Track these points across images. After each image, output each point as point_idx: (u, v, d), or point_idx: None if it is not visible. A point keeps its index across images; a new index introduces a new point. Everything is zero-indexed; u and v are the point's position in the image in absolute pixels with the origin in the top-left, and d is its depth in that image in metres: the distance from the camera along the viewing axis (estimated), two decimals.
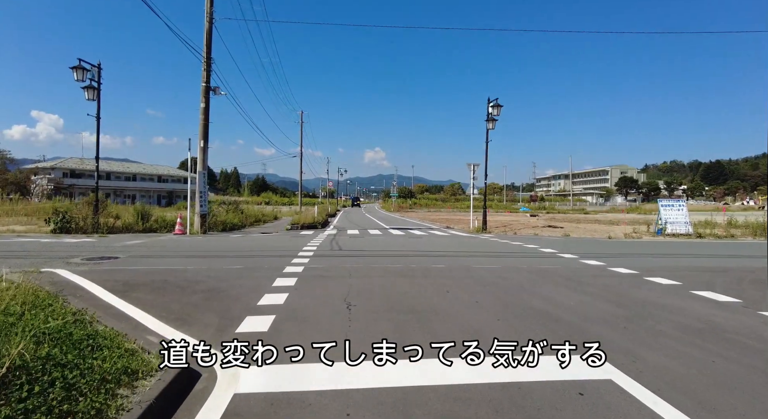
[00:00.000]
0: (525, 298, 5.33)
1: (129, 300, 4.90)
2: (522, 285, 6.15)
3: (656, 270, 7.60)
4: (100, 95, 14.81)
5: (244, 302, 4.92)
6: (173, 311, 4.53)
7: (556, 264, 8.32)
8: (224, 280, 6.19)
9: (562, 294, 5.62)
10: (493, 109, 18.99)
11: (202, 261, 8.19)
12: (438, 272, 7.19)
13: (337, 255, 9.18)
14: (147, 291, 5.47)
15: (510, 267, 7.88)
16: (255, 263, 7.93)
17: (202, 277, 6.42)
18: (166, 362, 2.61)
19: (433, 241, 13.44)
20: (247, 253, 9.51)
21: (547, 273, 7.33)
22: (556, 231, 19.60)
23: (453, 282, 6.29)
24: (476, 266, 7.90)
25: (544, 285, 6.16)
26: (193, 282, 6.05)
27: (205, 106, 15.44)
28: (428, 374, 2.89)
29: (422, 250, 10.61)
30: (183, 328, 3.93)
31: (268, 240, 12.85)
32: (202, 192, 15.25)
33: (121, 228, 15.35)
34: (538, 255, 9.90)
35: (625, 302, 5.22)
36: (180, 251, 9.78)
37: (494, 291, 5.80)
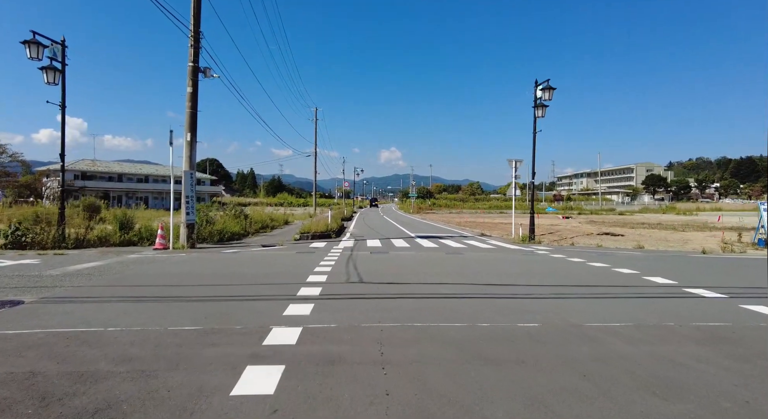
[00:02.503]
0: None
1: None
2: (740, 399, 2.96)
3: None
4: (64, 78, 12.06)
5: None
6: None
7: (722, 319, 5.08)
8: (142, 378, 3.16)
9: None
10: (543, 92, 15.67)
11: (149, 309, 5.22)
12: (545, 348, 4.03)
13: (355, 295, 6.10)
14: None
15: (654, 333, 4.66)
16: (227, 315, 4.92)
17: (108, 364, 3.42)
18: None
19: (482, 260, 10.26)
20: (225, 291, 6.52)
21: (745, 353, 4.11)
22: (618, 241, 16.17)
23: (594, 388, 3.14)
24: (593, 324, 4.70)
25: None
26: (77, 378, 3.06)
27: (192, 91, 12.57)
28: None
29: (477, 280, 7.45)
30: None
31: (266, 261, 9.87)
32: (188, 197, 12.38)
33: (94, 241, 12.61)
34: (659, 292, 6.66)
35: None
36: (136, 283, 6.86)
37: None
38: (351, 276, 7.51)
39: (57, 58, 11.83)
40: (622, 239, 16.89)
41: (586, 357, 3.72)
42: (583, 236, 18.29)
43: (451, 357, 3.69)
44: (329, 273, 7.66)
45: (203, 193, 74.76)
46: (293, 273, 7.85)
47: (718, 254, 12.11)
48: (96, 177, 62.64)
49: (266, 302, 5.57)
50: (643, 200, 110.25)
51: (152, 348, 3.82)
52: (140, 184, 65.63)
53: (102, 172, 63.54)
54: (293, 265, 8.90)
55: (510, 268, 8.89)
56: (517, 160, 17.81)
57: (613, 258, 10.49)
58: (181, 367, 3.40)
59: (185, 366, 3.41)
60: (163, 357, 3.62)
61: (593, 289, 6.70)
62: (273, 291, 6.28)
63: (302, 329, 4.37)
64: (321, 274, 7.56)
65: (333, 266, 8.62)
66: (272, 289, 6.40)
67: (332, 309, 5.22)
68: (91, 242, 12.50)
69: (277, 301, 5.58)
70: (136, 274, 7.59)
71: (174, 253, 10.98)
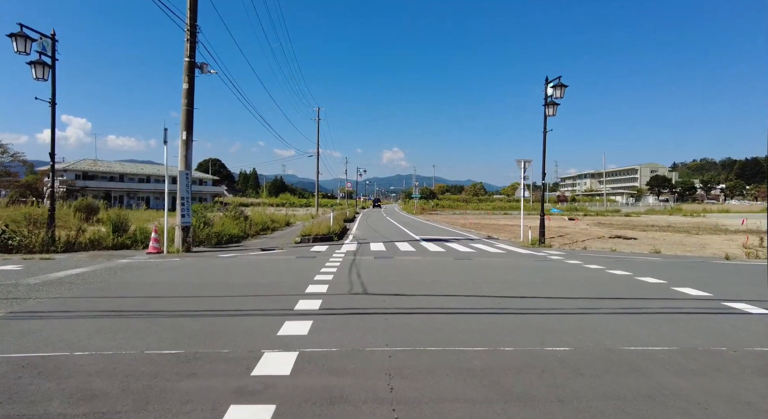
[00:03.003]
0: None
1: None
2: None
3: None
4: (54, 74, 11.53)
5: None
6: None
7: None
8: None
9: None
10: (555, 89, 15.04)
11: (127, 326, 4.65)
12: (583, 381, 3.43)
13: (359, 310, 5.51)
14: None
15: (706, 362, 4.03)
16: (214, 335, 4.34)
17: (62, 404, 2.83)
18: None
19: (493, 267, 9.66)
20: (216, 303, 5.95)
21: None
22: (632, 245, 15.54)
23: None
24: (631, 348, 4.08)
25: None
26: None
27: (188, 87, 12.02)
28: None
29: (491, 291, 6.85)
30: None
31: (264, 267, 9.30)
32: (184, 198, 11.83)
33: (86, 244, 12.07)
34: (696, 306, 6.04)
35: None
36: (120, 294, 6.30)
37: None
38: (354, 286, 6.91)
39: (47, 52, 11.30)
40: (636, 243, 16.25)
41: (633, 394, 3.12)
42: (594, 239, 17.65)
43: (474, 393, 3.10)
44: (330, 283, 7.07)
45: (205, 193, 74.35)
46: (291, 282, 7.27)
47: (743, 260, 11.46)
48: (97, 177, 62.34)
49: (259, 318, 4.99)
50: (647, 201, 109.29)
51: (121, 379, 3.24)
52: (142, 184, 65.28)
53: (103, 172, 63.24)
54: (292, 273, 8.32)
55: (524, 277, 8.28)
56: (526, 160, 17.19)
57: (632, 265, 9.87)
58: (150, 407, 2.82)
59: (156, 406, 2.84)
60: (132, 392, 3.04)
61: (621, 303, 6.09)
62: (268, 304, 5.70)
63: (298, 354, 3.79)
64: (321, 284, 6.97)
65: (334, 274, 8.04)
66: (267, 302, 5.82)
67: (333, 327, 4.63)
68: (83, 245, 11.95)
69: (271, 317, 5.00)
70: (122, 283, 7.02)
71: (167, 258, 10.42)
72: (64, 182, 57.04)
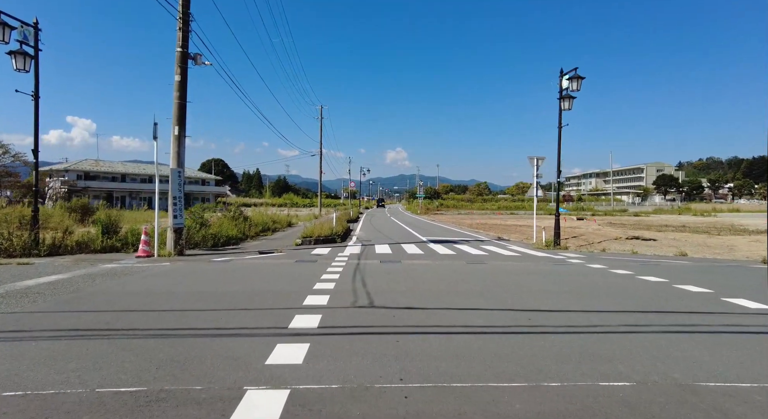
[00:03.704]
0: None
1: None
2: None
3: None
4: (38, 65, 10.79)
5: None
6: None
7: None
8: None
9: None
10: (570, 82, 14.17)
11: (87, 351, 3.86)
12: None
13: (365, 329, 4.70)
14: None
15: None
16: (188, 363, 3.55)
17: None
18: None
19: (511, 272, 8.83)
20: (199, 319, 5.15)
21: None
22: (653, 246, 14.65)
23: None
24: (710, 384, 3.23)
25: None
26: None
27: (180, 80, 11.25)
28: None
29: (515, 302, 6.02)
30: None
31: (259, 273, 8.51)
32: (176, 198, 11.06)
33: (73, 247, 11.33)
34: (763, 323, 5.20)
35: None
36: (91, 308, 5.53)
37: None
38: (358, 296, 6.09)
39: (28, 42, 10.56)
40: (656, 244, 15.36)
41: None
42: (610, 241, 16.77)
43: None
44: (332, 293, 6.26)
45: (208, 193, 73.81)
46: (288, 291, 6.46)
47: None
48: (99, 177, 61.88)
49: (247, 340, 4.18)
50: (654, 201, 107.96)
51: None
52: (144, 185, 64.75)
53: (105, 172, 62.78)
54: (290, 280, 7.51)
55: (549, 284, 7.44)
56: (539, 158, 16.34)
57: (664, 270, 9.01)
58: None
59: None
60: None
61: (670, 317, 5.23)
62: (259, 320, 4.89)
63: (289, 393, 2.98)
64: (322, 294, 6.16)
65: (337, 281, 7.23)
66: (258, 318, 5.01)
67: (334, 352, 3.82)
68: (69, 248, 11.21)
69: (261, 338, 4.20)
70: (97, 293, 6.24)
71: (157, 262, 9.65)
72: (65, 182, 56.53)
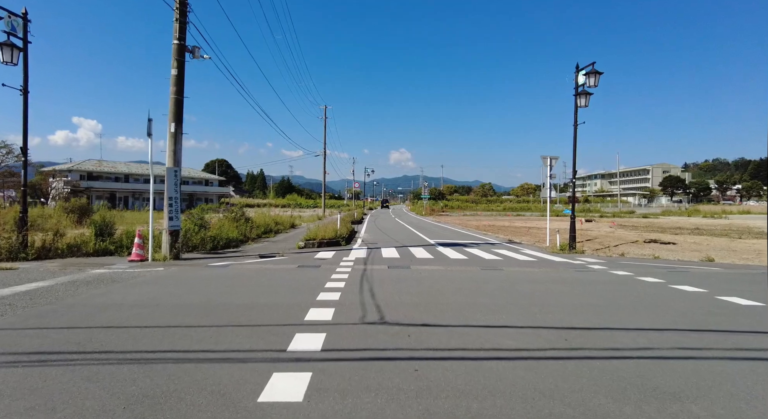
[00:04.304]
0: None
1: None
2: None
3: None
4: (27, 58, 10.22)
5: None
6: None
7: None
8: None
9: None
10: (587, 78, 13.47)
11: (44, 383, 3.21)
12: None
13: (376, 352, 4.03)
14: None
15: None
16: (163, 400, 2.89)
17: None
18: None
19: (532, 280, 8.13)
20: (184, 338, 4.51)
21: None
22: (674, 250, 13.91)
23: None
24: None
25: None
26: None
27: (177, 74, 10.64)
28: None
29: (546, 318, 5.32)
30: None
31: (258, 280, 7.86)
32: (172, 198, 10.44)
33: (63, 250, 10.74)
34: None
35: None
36: (64, 323, 4.90)
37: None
38: (367, 310, 5.42)
39: (17, 33, 9.99)
40: (677, 248, 14.60)
41: None
42: (627, 244, 16.02)
43: None
44: (337, 305, 5.60)
45: (211, 194, 73.41)
46: (289, 303, 5.80)
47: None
48: (102, 177, 61.58)
49: (238, 367, 3.52)
50: (660, 202, 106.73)
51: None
52: (147, 185, 64.01)
53: (108, 173, 62.48)
54: (291, 289, 6.86)
55: (576, 295, 6.74)
56: (552, 157, 15.66)
57: (696, 278, 8.30)
58: None
59: None
60: None
61: (731, 339, 4.52)
62: (254, 340, 4.24)
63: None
64: (326, 307, 5.51)
65: (342, 291, 6.57)
66: (254, 337, 4.35)
67: (341, 385, 3.15)
68: (59, 252, 10.62)
69: (255, 364, 3.55)
70: (76, 305, 5.61)
71: (149, 267, 9.03)
72: (68, 183, 56.22)
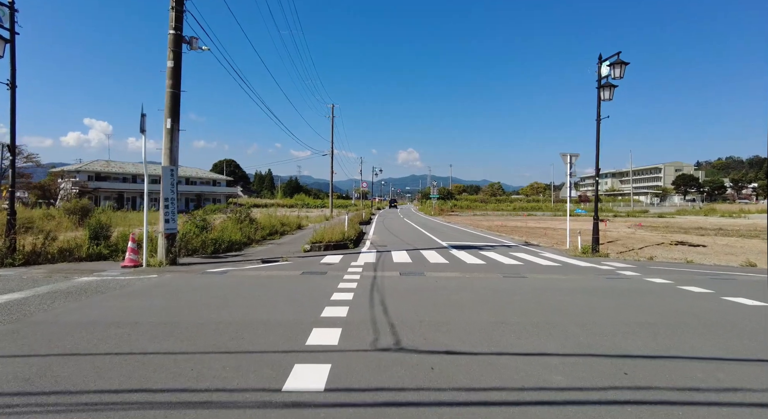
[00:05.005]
0: None
1: None
2: None
3: None
4: (14, 50, 9.59)
5: None
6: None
7: None
8: None
9: None
10: (612, 68, 12.55)
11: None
12: None
13: (394, 393, 3.25)
14: None
15: None
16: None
17: None
18: None
19: (561, 289, 7.29)
20: (164, 367, 3.76)
21: None
22: (706, 254, 12.94)
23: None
24: None
25: None
26: None
27: (173, 66, 9.95)
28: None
29: (591, 341, 4.48)
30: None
31: (257, 290, 7.12)
32: (168, 199, 9.77)
33: (54, 254, 10.12)
34: None
35: None
36: (17, 351, 4.18)
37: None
38: (380, 331, 4.63)
39: (3, 23, 9.36)
40: (708, 251, 13.63)
41: None
42: (653, 246, 15.06)
43: None
44: (345, 324, 4.82)
45: (219, 194, 73.14)
46: (288, 321, 5.03)
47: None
48: (110, 178, 61.56)
49: (220, 416, 2.76)
50: (673, 201, 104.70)
51: None
52: (155, 185, 63.97)
53: (116, 173, 62.45)
54: (292, 302, 6.09)
55: (617, 309, 5.89)
56: (572, 155, 14.74)
57: (748, 288, 7.39)
58: None
59: None
60: None
61: None
62: (244, 373, 3.46)
63: None
64: (332, 326, 4.73)
65: (351, 304, 5.80)
66: (244, 369, 3.58)
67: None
68: (50, 256, 9.99)
69: (241, 411, 2.78)
70: (45, 323, 4.89)
71: (142, 274, 8.34)
72: (76, 183, 56.19)
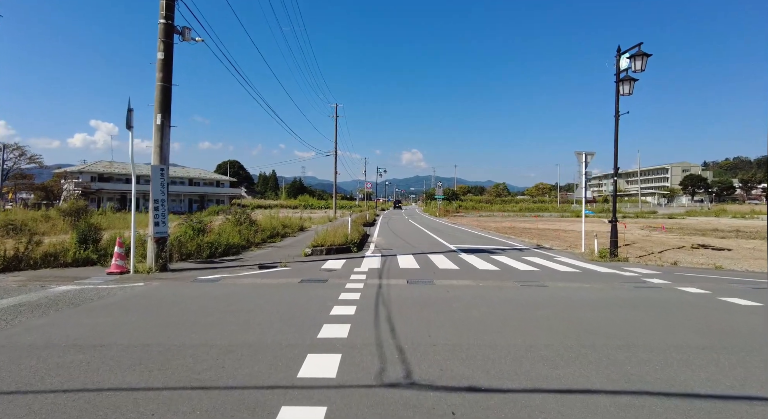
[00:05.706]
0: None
1: None
2: None
3: None
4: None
5: None
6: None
7: None
8: None
9: None
10: (632, 61, 11.76)
11: None
12: None
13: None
14: None
15: None
16: None
17: None
18: None
19: (588, 301, 6.54)
20: (119, 413, 3.05)
21: None
22: (733, 259, 12.11)
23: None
24: None
25: None
26: None
27: (164, 58, 9.28)
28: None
29: (638, 372, 3.71)
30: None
31: (249, 303, 6.41)
32: (158, 201, 9.09)
33: (37, 260, 9.48)
34: None
35: None
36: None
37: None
38: (386, 358, 3.91)
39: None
40: (735, 255, 12.81)
41: None
42: (674, 250, 14.25)
43: None
44: (345, 348, 4.10)
45: (222, 195, 72.71)
46: (279, 345, 4.32)
47: None
48: (113, 179, 61.19)
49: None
50: (681, 201, 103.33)
51: None
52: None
53: (119, 174, 62.08)
54: (286, 319, 5.37)
55: (659, 326, 5.13)
56: (588, 153, 13.99)
57: None
58: None
59: None
60: None
61: None
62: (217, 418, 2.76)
63: None
64: (329, 351, 4.02)
65: (353, 321, 5.08)
66: (214, 415, 2.87)
67: None
68: (32, 262, 9.35)
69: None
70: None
71: (128, 282, 7.66)
72: (79, 184, 55.97)
